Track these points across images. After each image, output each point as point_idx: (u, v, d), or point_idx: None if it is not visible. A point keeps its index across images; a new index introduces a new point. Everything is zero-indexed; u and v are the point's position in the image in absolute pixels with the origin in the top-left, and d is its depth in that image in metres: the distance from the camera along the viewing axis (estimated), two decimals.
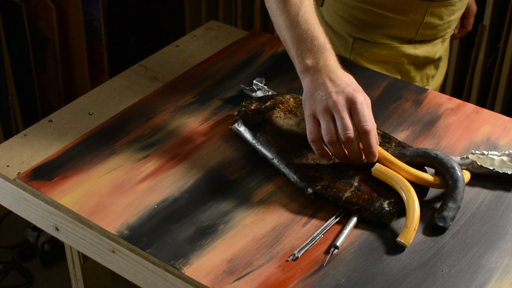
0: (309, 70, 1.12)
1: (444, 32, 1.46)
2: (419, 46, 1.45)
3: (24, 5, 2.21)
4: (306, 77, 1.12)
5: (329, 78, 1.10)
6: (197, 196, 1.09)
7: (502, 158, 1.13)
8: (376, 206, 1.05)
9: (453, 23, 1.45)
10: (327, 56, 1.12)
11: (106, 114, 1.27)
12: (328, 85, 1.09)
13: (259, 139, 1.16)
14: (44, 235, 2.27)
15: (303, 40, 1.13)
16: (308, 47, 1.12)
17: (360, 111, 1.06)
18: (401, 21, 1.39)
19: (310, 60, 1.12)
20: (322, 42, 1.13)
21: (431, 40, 1.45)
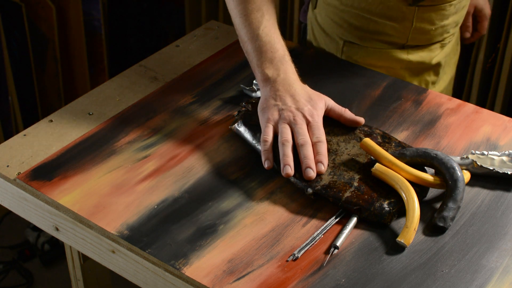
0: (269, 80, 1.18)
1: (441, 37, 1.42)
2: (412, 51, 1.41)
3: (24, 5, 2.21)
4: (266, 87, 1.18)
5: (289, 93, 1.16)
6: (197, 196, 1.09)
7: (502, 158, 1.13)
8: (376, 206, 1.05)
9: (450, 27, 1.42)
10: (287, 69, 1.18)
11: (106, 114, 1.27)
12: (288, 100, 1.16)
13: (259, 139, 1.16)
14: (44, 235, 2.27)
15: (263, 52, 1.19)
16: (269, 58, 1.19)
17: (316, 127, 1.14)
18: (390, 26, 1.37)
19: (270, 71, 1.18)
20: (281, 55, 1.19)
21: (426, 45, 1.42)
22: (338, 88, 1.31)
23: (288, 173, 1.10)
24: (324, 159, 1.11)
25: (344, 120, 1.19)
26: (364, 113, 1.26)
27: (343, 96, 1.30)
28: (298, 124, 1.13)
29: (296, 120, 1.14)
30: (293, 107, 1.15)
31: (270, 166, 1.12)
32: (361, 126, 1.18)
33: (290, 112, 1.15)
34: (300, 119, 1.14)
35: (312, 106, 1.16)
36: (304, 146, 1.12)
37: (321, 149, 1.12)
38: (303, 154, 1.11)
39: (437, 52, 1.45)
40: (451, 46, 1.49)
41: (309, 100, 1.17)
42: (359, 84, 1.34)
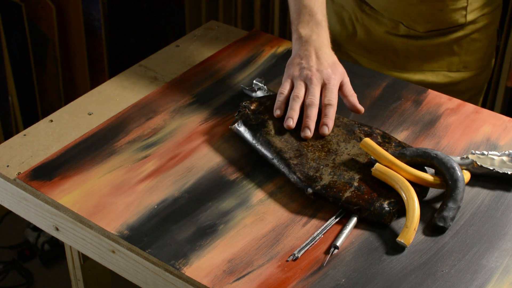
0: (301, 39, 1.23)
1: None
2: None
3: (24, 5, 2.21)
4: (296, 45, 1.24)
5: (316, 54, 1.21)
6: (197, 196, 1.09)
7: (502, 158, 1.13)
8: (376, 206, 1.05)
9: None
10: (320, 32, 1.24)
11: (106, 114, 1.27)
12: (312, 60, 1.20)
13: (259, 139, 1.16)
14: (44, 235, 2.27)
15: (302, 13, 1.25)
16: (306, 20, 1.24)
17: (330, 90, 1.18)
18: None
19: (305, 30, 1.23)
20: (319, 19, 1.24)
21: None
22: None
23: (289, 125, 1.15)
24: (330, 121, 1.16)
25: (348, 101, 1.22)
26: (364, 113, 1.26)
27: None
28: (313, 84, 1.18)
29: (312, 80, 1.18)
30: (314, 67, 1.19)
31: (280, 115, 1.17)
32: (361, 126, 1.18)
33: (309, 71, 1.19)
34: (316, 79, 1.18)
35: (332, 71, 1.20)
36: (310, 106, 1.16)
37: (329, 112, 1.16)
38: (307, 113, 1.16)
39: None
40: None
41: (332, 65, 1.20)
42: (359, 84, 1.34)
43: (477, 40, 1.50)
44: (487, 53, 1.54)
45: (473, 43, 1.50)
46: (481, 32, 1.50)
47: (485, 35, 1.51)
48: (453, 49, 1.49)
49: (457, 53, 1.50)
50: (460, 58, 1.51)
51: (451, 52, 1.50)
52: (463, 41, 1.49)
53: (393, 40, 1.50)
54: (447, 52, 1.50)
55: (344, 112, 1.26)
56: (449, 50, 1.50)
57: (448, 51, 1.50)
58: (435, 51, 1.49)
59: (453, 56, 1.50)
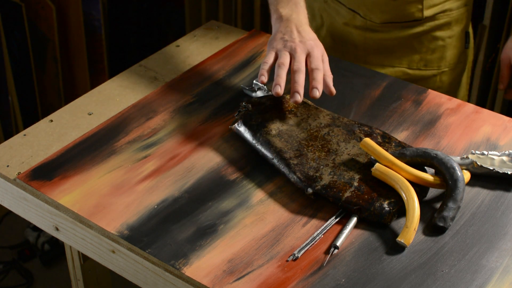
0: (281, 18, 1.26)
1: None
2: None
3: (24, 5, 2.21)
4: (277, 23, 1.26)
5: (297, 30, 1.23)
6: (197, 196, 1.09)
7: (502, 158, 1.13)
8: (376, 206, 1.05)
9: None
10: (300, 11, 1.27)
11: (106, 114, 1.27)
12: (294, 34, 1.23)
13: (259, 139, 1.16)
14: (44, 235, 2.27)
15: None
16: (285, 1, 1.26)
17: (315, 57, 1.20)
18: None
19: (285, 10, 1.26)
20: (298, 0, 1.28)
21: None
22: (338, 88, 1.31)
23: (277, 92, 1.15)
24: (319, 84, 1.16)
25: (324, 82, 1.22)
26: (364, 113, 1.26)
27: (343, 96, 1.30)
28: (298, 53, 1.20)
29: (296, 50, 1.20)
30: (297, 39, 1.22)
31: (265, 81, 1.19)
32: (361, 126, 1.18)
33: (293, 43, 1.21)
34: (300, 49, 1.20)
35: (315, 43, 1.22)
36: (297, 72, 1.17)
37: (317, 76, 1.17)
38: (294, 79, 1.17)
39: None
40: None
41: (313, 39, 1.23)
42: (359, 84, 1.34)
43: (439, 39, 1.50)
44: (451, 54, 1.53)
45: (434, 42, 1.50)
46: (443, 30, 1.50)
47: (448, 34, 1.51)
48: (414, 46, 1.50)
49: (417, 50, 1.51)
50: (420, 56, 1.52)
51: (411, 48, 1.50)
52: (424, 38, 1.49)
53: (351, 32, 1.52)
54: (407, 48, 1.50)
55: (344, 112, 1.26)
56: (409, 46, 1.50)
57: (409, 47, 1.51)
58: (394, 45, 1.50)
59: (413, 53, 1.51)
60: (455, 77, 1.58)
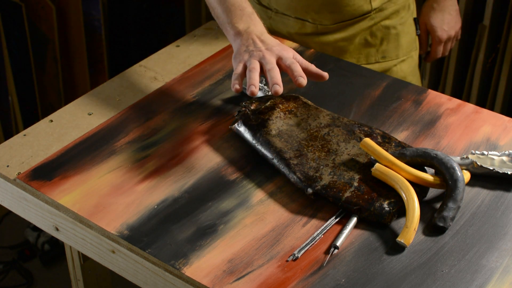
0: (240, 33, 1.23)
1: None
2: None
3: (24, 5, 2.21)
4: (237, 39, 1.24)
5: (259, 39, 1.22)
6: (197, 196, 1.09)
7: (502, 158, 1.13)
8: (376, 206, 1.05)
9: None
10: (256, 23, 1.25)
11: (106, 114, 1.27)
12: (258, 43, 1.21)
13: (259, 139, 1.16)
14: (44, 235, 2.27)
15: (232, 11, 1.25)
16: (238, 15, 1.25)
17: (286, 58, 1.18)
18: None
19: (241, 25, 1.24)
20: (250, 12, 1.26)
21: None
22: (338, 88, 1.31)
23: (253, 91, 1.13)
24: (302, 73, 1.15)
25: (310, 73, 1.21)
26: (364, 113, 1.26)
27: (343, 96, 1.30)
28: (267, 58, 1.18)
29: (265, 56, 1.18)
30: (263, 47, 1.20)
31: (239, 89, 1.16)
32: (361, 126, 1.18)
33: (259, 52, 1.19)
34: (269, 55, 1.18)
35: (282, 48, 1.21)
36: (271, 70, 1.15)
37: (295, 68, 1.16)
38: (271, 76, 1.15)
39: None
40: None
41: (278, 44, 1.21)
42: (359, 84, 1.34)
43: (391, 27, 1.50)
44: (406, 42, 1.53)
45: (387, 31, 1.50)
46: (393, 19, 1.49)
47: (399, 22, 1.50)
48: (368, 41, 1.50)
49: (372, 43, 1.50)
50: (376, 48, 1.51)
51: (366, 44, 1.50)
52: (376, 30, 1.49)
53: (305, 40, 1.50)
54: (362, 43, 1.50)
55: (344, 112, 1.26)
56: (363, 42, 1.49)
57: (363, 43, 1.50)
58: (349, 44, 1.49)
59: (369, 47, 1.50)
60: (414, 64, 1.58)
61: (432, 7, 1.58)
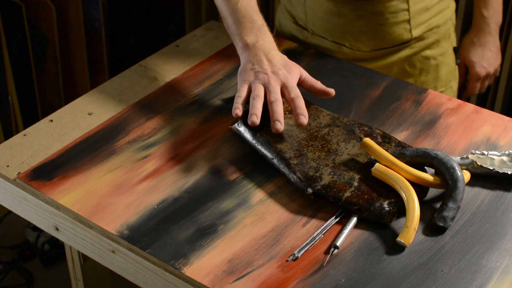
0: (248, 46, 1.23)
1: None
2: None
3: (24, 5, 2.21)
4: (245, 53, 1.23)
5: (266, 57, 1.20)
6: (197, 196, 1.09)
7: (502, 158, 1.13)
8: (376, 206, 1.05)
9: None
10: (265, 36, 1.23)
11: (106, 114, 1.27)
12: (264, 63, 1.20)
13: (259, 139, 1.16)
14: (44, 235, 2.27)
15: (242, 23, 1.24)
16: (248, 28, 1.23)
17: (291, 86, 1.18)
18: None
19: (249, 38, 1.23)
20: (260, 24, 1.25)
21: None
22: (338, 88, 1.31)
23: (253, 121, 1.13)
24: (304, 111, 1.15)
25: (315, 90, 1.22)
26: (364, 113, 1.26)
27: (343, 96, 1.30)
28: (272, 84, 1.17)
29: (270, 81, 1.17)
30: (269, 70, 1.19)
31: (239, 114, 1.15)
32: (361, 126, 1.18)
33: (265, 74, 1.18)
34: (274, 81, 1.18)
35: (287, 71, 1.20)
36: (274, 103, 1.15)
37: (299, 103, 1.15)
38: (272, 109, 1.15)
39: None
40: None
41: (285, 65, 1.20)
42: (359, 84, 1.34)
43: (431, 58, 1.46)
44: (445, 73, 1.49)
45: (427, 62, 1.45)
46: (433, 49, 1.45)
47: (439, 52, 1.46)
48: (406, 70, 1.45)
49: (411, 74, 1.45)
50: (415, 79, 1.47)
51: (404, 73, 1.45)
52: (415, 60, 1.44)
53: None
54: (399, 74, 1.45)
55: (344, 112, 1.26)
56: (402, 72, 1.45)
57: (401, 73, 1.45)
58: (386, 73, 1.43)
59: (407, 77, 1.46)
60: (452, 95, 1.53)
61: (472, 42, 1.53)
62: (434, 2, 1.42)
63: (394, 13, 1.38)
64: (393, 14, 1.38)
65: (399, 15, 1.38)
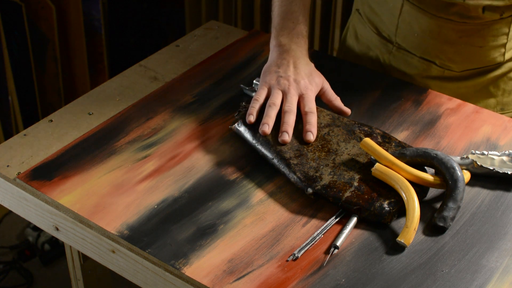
0: (279, 46, 1.22)
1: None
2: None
3: (24, 5, 2.21)
4: (275, 52, 1.23)
5: (294, 63, 1.20)
6: (197, 196, 1.09)
7: (502, 158, 1.13)
8: (376, 206, 1.05)
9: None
10: (300, 42, 1.23)
11: (106, 114, 1.27)
12: (290, 69, 1.20)
13: (259, 139, 1.16)
14: (44, 235, 2.27)
15: (286, 20, 1.24)
16: (288, 27, 1.23)
17: (308, 99, 1.18)
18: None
19: (285, 39, 1.23)
20: (301, 29, 1.24)
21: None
22: (338, 88, 1.31)
23: (264, 131, 1.14)
24: (314, 128, 1.15)
25: (333, 106, 1.23)
26: (364, 113, 1.26)
27: (343, 96, 1.30)
28: (290, 93, 1.17)
29: (289, 89, 1.18)
30: (292, 77, 1.19)
31: (252, 121, 1.16)
32: (361, 126, 1.18)
33: (286, 81, 1.18)
34: (293, 89, 1.18)
35: (309, 81, 1.20)
36: (287, 113, 1.15)
37: (311, 119, 1.16)
38: (284, 119, 1.15)
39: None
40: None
41: (309, 75, 1.20)
42: (359, 84, 1.34)
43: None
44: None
45: (510, 83, 1.40)
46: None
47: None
48: (490, 91, 1.40)
49: (493, 94, 1.41)
50: (497, 100, 1.42)
51: (487, 93, 1.40)
52: (500, 81, 1.39)
53: (425, 83, 1.39)
54: (483, 93, 1.40)
55: None
56: (485, 92, 1.40)
57: (484, 93, 1.40)
58: (470, 92, 1.39)
59: (489, 97, 1.41)
60: None
61: None
62: None
63: (495, 37, 1.33)
64: (494, 38, 1.34)
65: (499, 38, 1.34)
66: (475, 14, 1.28)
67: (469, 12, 1.28)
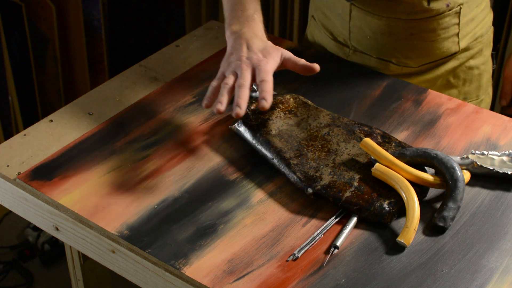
0: (233, 35, 1.22)
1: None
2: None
3: (24, 5, 2.21)
4: (229, 41, 1.23)
5: (247, 44, 1.19)
6: (197, 196, 1.09)
7: (502, 158, 1.13)
8: (376, 206, 1.05)
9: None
10: (251, 25, 1.23)
11: (106, 114, 1.27)
12: (243, 50, 1.19)
13: (259, 139, 1.16)
14: (44, 235, 2.27)
15: (234, 10, 1.25)
16: (237, 16, 1.24)
17: (261, 70, 1.15)
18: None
19: (236, 26, 1.23)
20: (250, 13, 1.24)
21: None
22: (338, 88, 1.31)
23: (218, 108, 1.12)
24: (268, 95, 1.13)
25: (299, 68, 1.21)
26: (364, 113, 1.26)
27: (343, 96, 1.30)
28: (243, 69, 1.16)
29: (241, 67, 1.16)
30: (244, 56, 1.18)
31: (208, 104, 1.16)
32: (361, 126, 1.18)
33: (238, 61, 1.17)
34: (245, 66, 1.16)
35: (264, 55, 1.18)
36: (239, 88, 1.14)
37: (265, 87, 1.13)
38: (237, 94, 1.14)
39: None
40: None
41: (262, 50, 1.19)
42: (359, 84, 1.34)
43: (474, 68, 1.43)
44: (486, 80, 1.48)
45: (470, 72, 1.43)
46: (476, 58, 1.43)
47: (481, 61, 1.44)
48: (450, 82, 1.43)
49: (454, 85, 1.43)
50: (458, 90, 1.44)
51: (448, 85, 1.43)
52: (459, 71, 1.42)
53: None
54: (444, 85, 1.43)
55: (344, 112, 1.26)
56: (446, 83, 1.43)
57: (445, 84, 1.43)
58: (431, 85, 1.41)
59: (451, 88, 1.44)
60: (489, 101, 1.53)
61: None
62: (478, 11, 1.39)
63: (445, 29, 1.35)
64: (445, 30, 1.35)
65: (450, 29, 1.36)
66: (420, 8, 1.31)
67: (414, 7, 1.31)
